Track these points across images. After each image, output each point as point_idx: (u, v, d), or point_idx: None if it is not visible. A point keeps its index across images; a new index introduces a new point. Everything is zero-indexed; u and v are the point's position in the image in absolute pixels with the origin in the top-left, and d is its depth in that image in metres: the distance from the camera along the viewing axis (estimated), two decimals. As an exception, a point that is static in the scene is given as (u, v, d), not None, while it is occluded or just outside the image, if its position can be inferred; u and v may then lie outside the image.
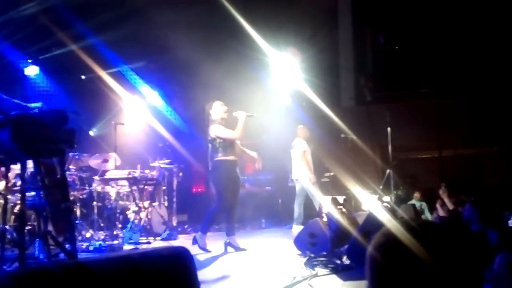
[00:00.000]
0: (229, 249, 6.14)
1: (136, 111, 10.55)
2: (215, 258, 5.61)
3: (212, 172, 6.22)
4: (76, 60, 8.97)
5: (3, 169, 5.01)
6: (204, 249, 5.94)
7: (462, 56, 10.48)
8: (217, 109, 6.20)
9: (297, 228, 7.61)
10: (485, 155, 10.48)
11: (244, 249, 6.07)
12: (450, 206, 6.86)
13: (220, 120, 6.16)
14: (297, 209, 8.14)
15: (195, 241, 6.01)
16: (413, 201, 8.78)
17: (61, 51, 9.09)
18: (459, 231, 1.06)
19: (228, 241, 6.15)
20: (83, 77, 9.95)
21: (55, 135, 3.79)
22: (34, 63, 9.18)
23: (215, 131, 6.08)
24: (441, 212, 7.03)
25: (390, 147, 8.96)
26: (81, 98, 9.14)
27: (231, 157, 6.10)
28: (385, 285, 1.00)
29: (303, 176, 8.27)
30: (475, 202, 5.62)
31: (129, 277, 1.30)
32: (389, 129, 8.95)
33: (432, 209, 8.23)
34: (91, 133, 10.16)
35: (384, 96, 11.28)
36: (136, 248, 6.38)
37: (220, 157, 6.04)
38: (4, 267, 3.89)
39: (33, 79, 9.23)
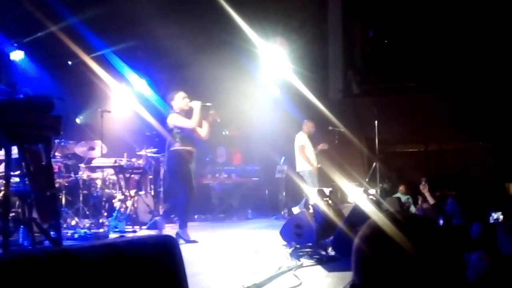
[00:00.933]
0: (215, 239, 6.15)
1: (123, 99, 10.46)
2: (200, 248, 5.62)
3: (169, 162, 6.15)
4: (62, 46, 8.85)
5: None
6: (189, 241, 5.89)
7: (449, 50, 10.56)
8: (178, 100, 6.15)
9: (296, 210, 7.71)
10: (470, 150, 10.62)
11: (195, 241, 5.92)
12: (431, 200, 6.93)
13: (179, 111, 6.12)
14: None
15: (178, 237, 5.86)
16: (398, 194, 8.88)
17: (46, 36, 8.95)
18: (441, 224, 1.08)
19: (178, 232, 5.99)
20: (69, 62, 9.83)
21: (41, 121, 3.75)
22: (19, 47, 9.05)
23: (173, 120, 6.03)
24: (424, 206, 7.11)
25: (377, 140, 9.02)
26: (67, 84, 9.05)
27: (188, 148, 6.03)
28: (371, 276, 1.01)
29: (303, 169, 8.53)
30: (457, 196, 5.68)
31: (114, 265, 1.29)
32: (376, 122, 9.00)
33: (416, 202, 8.33)
34: (78, 120, 10.06)
35: (372, 89, 11.33)
36: (122, 236, 6.36)
37: (177, 146, 5.97)
38: (-13, 253, 3.86)
39: (18, 64, 9.10)
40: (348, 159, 9.69)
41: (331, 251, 4.86)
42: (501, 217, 4.98)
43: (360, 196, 6.49)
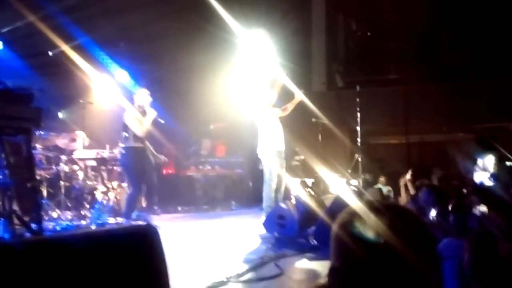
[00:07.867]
0: (199, 230, 6.19)
1: (105, 90, 10.35)
2: (183, 239, 5.63)
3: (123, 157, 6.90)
4: (42, 36, 8.69)
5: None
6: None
7: (429, 42, 10.66)
8: (141, 97, 6.84)
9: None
10: (450, 141, 10.75)
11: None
12: (412, 191, 7.02)
13: (138, 107, 6.79)
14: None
15: None
16: (379, 185, 8.96)
17: (26, 25, 8.79)
18: (418, 214, 1.09)
19: None
20: (50, 53, 9.65)
21: (20, 113, 3.71)
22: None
23: (128, 118, 6.73)
24: (404, 197, 7.20)
25: (359, 132, 9.08)
26: (48, 76, 8.92)
27: (139, 145, 6.79)
28: (348, 260, 1.03)
29: None
30: (431, 186, 5.75)
31: (96, 254, 1.30)
32: (359, 114, 9.06)
33: (396, 193, 8.43)
34: (60, 115, 9.91)
35: (355, 81, 11.39)
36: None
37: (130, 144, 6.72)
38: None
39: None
40: (331, 151, 9.74)
41: (313, 241, 4.91)
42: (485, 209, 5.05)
43: (342, 187, 6.56)
